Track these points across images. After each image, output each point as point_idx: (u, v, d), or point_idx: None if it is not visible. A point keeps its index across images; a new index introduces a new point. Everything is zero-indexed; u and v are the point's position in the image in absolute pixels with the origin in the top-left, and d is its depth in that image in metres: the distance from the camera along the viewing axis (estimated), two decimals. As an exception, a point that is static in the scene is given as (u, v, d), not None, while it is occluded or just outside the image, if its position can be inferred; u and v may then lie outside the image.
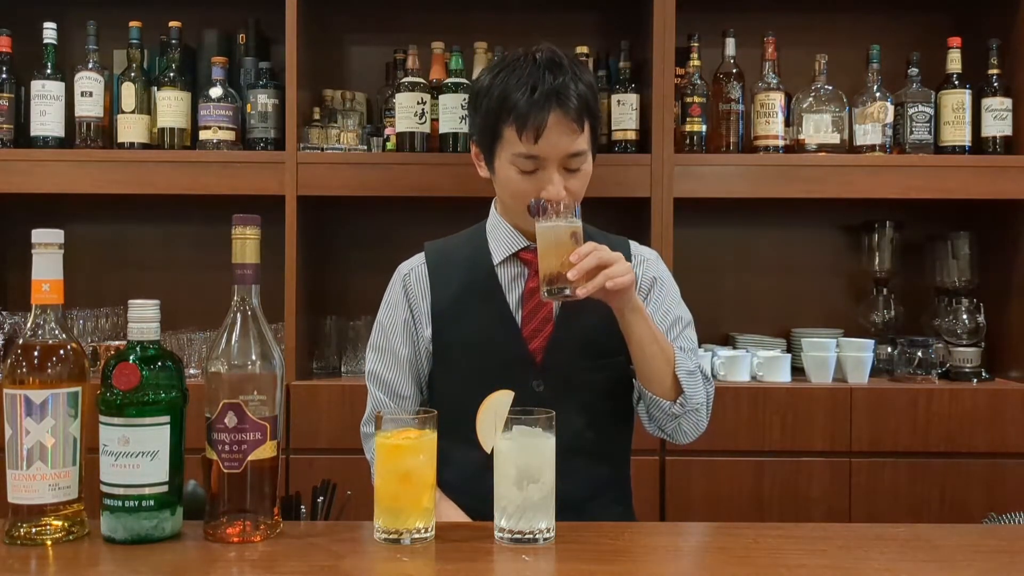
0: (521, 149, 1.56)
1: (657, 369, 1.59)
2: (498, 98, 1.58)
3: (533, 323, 1.65)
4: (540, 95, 1.54)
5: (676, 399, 1.60)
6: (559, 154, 1.57)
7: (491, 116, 1.59)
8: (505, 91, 1.57)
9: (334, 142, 2.70)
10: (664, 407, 1.61)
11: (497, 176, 1.64)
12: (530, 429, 1.30)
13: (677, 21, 2.64)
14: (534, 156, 1.56)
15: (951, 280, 2.84)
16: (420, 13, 3.01)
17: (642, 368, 1.60)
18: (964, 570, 1.24)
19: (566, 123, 1.56)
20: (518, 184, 1.59)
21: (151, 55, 2.83)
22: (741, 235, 3.03)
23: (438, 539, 1.30)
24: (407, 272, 1.74)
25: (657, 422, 1.65)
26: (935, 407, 2.57)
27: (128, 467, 1.26)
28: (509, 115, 1.56)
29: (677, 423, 1.63)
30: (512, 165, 1.59)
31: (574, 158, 1.58)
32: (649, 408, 1.63)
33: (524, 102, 1.54)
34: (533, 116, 1.54)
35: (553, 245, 1.48)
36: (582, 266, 1.45)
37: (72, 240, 1.36)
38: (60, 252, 1.31)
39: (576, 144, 1.58)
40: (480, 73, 1.96)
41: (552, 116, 1.54)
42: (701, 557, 1.28)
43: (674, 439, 1.68)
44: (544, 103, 1.54)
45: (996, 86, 2.75)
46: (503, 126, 1.58)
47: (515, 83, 1.57)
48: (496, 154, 1.62)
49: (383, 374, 1.72)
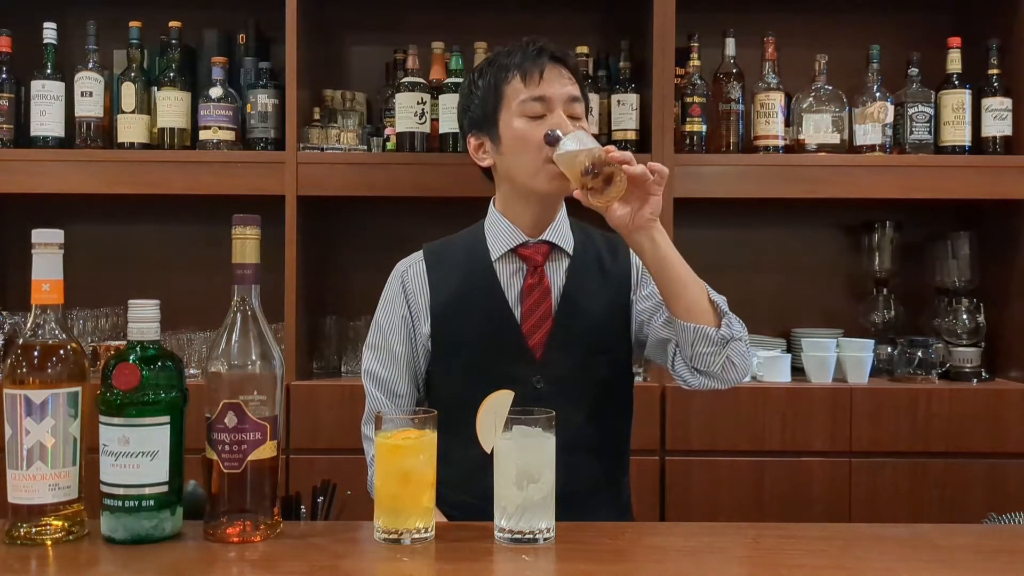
0: (527, 94, 1.62)
1: (695, 294, 1.54)
2: (495, 68, 1.67)
3: (532, 319, 1.65)
4: (535, 49, 1.65)
5: (720, 324, 1.56)
6: (563, 95, 1.63)
7: (491, 85, 1.66)
8: (499, 61, 1.67)
9: (334, 142, 2.70)
10: (711, 335, 1.54)
11: (504, 141, 1.65)
12: (530, 429, 1.30)
13: (677, 21, 2.64)
14: (541, 97, 1.62)
15: (951, 280, 2.84)
16: (420, 13, 3.01)
17: (679, 296, 1.54)
18: (964, 570, 1.24)
19: (563, 72, 1.65)
20: (530, 131, 1.61)
21: (151, 55, 2.83)
22: (741, 235, 3.03)
23: (438, 539, 1.30)
24: (405, 269, 1.75)
25: (704, 362, 1.57)
26: (935, 407, 2.57)
27: (128, 467, 1.26)
28: (510, 71, 1.64)
29: (726, 356, 1.56)
30: (520, 116, 1.62)
31: (575, 103, 1.65)
32: (694, 345, 1.55)
33: (521, 56, 1.65)
34: (532, 64, 1.63)
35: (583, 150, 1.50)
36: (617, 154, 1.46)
37: (72, 240, 1.36)
38: (60, 252, 1.31)
39: (575, 89, 1.66)
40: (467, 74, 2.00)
41: (549, 65, 1.64)
42: (701, 557, 1.28)
43: (724, 380, 1.60)
44: (540, 54, 1.65)
45: (996, 86, 2.75)
46: (504, 86, 1.64)
47: (507, 53, 1.67)
48: (500, 118, 1.65)
49: (380, 372, 1.73)
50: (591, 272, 1.70)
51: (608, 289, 1.70)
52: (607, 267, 1.72)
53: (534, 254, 1.68)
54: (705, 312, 1.55)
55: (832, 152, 2.72)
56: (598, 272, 1.71)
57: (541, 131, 1.60)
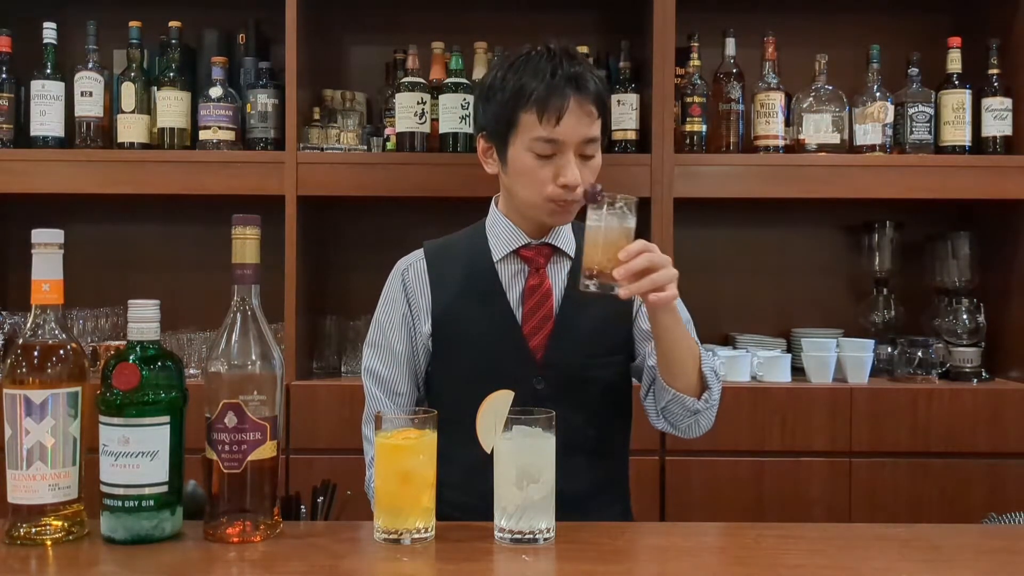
0: (540, 133, 1.56)
1: (686, 367, 1.56)
2: (515, 86, 1.58)
3: (533, 320, 1.65)
4: (560, 79, 1.56)
5: (700, 396, 1.58)
6: (577, 137, 1.57)
7: (507, 104, 1.59)
8: (522, 79, 1.58)
9: (334, 142, 2.70)
10: (688, 404, 1.57)
11: (510, 166, 1.63)
12: (530, 429, 1.30)
13: (677, 21, 2.64)
14: (553, 140, 1.56)
15: (951, 280, 2.84)
16: (420, 13, 3.01)
17: (671, 365, 1.56)
18: (964, 570, 1.24)
19: (585, 108, 1.57)
20: (535, 170, 1.59)
21: (151, 55, 2.83)
22: (741, 235, 3.03)
23: (438, 539, 1.30)
24: (406, 267, 1.74)
25: (672, 418, 1.61)
26: (935, 407, 2.57)
27: (128, 467, 1.26)
28: (528, 100, 1.56)
29: (695, 419, 1.60)
30: (529, 151, 1.58)
31: (590, 144, 1.60)
32: (669, 404, 1.59)
33: (544, 86, 1.56)
34: (554, 99, 1.55)
35: (603, 238, 1.43)
36: (630, 267, 1.40)
37: (72, 240, 1.36)
38: (60, 252, 1.31)
39: (593, 130, 1.59)
40: (490, 68, 1.95)
41: (572, 100, 1.56)
42: (701, 557, 1.28)
43: (684, 435, 1.65)
44: (564, 87, 1.56)
45: (996, 86, 2.75)
46: (520, 112, 1.58)
47: (532, 71, 1.58)
48: (510, 143, 1.61)
49: (380, 370, 1.72)
50: (592, 274, 1.70)
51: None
52: (609, 269, 1.72)
53: (536, 256, 1.68)
54: (690, 386, 1.57)
55: (832, 152, 2.72)
56: (599, 274, 1.71)
57: (547, 172, 1.58)
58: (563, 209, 1.61)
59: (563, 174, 1.57)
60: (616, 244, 1.42)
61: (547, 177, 1.58)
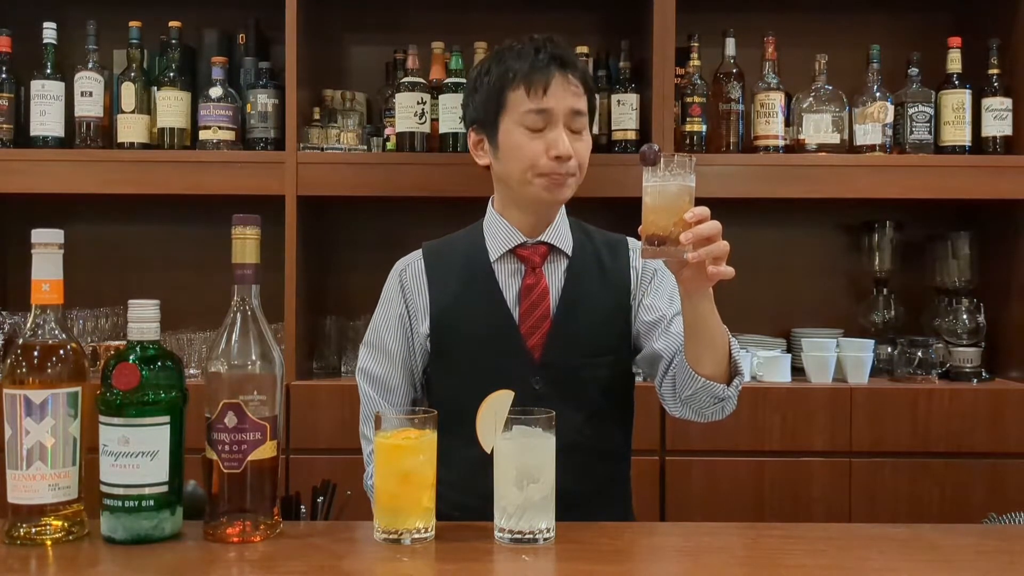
0: (529, 105, 1.59)
1: (718, 354, 1.54)
2: (501, 70, 1.63)
3: (530, 320, 1.65)
4: (544, 57, 1.61)
5: (730, 382, 1.56)
6: (565, 107, 1.60)
7: (495, 87, 1.63)
8: (506, 63, 1.63)
9: (334, 142, 2.70)
10: (717, 391, 1.54)
11: (501, 148, 1.64)
12: (530, 429, 1.30)
13: (677, 21, 2.64)
14: (543, 110, 1.59)
15: (951, 280, 2.84)
16: (420, 13, 3.01)
17: (703, 353, 1.53)
18: (964, 570, 1.24)
19: (570, 83, 1.61)
20: (526, 145, 1.60)
21: (151, 55, 2.83)
22: (741, 235, 2.99)
23: (438, 539, 1.30)
24: (403, 268, 1.75)
25: (697, 405, 1.58)
26: (935, 407, 2.57)
27: (128, 467, 1.26)
28: (515, 78, 1.61)
29: (721, 406, 1.58)
30: (519, 126, 1.60)
31: (578, 117, 1.62)
32: (697, 392, 1.55)
33: (527, 64, 1.61)
34: (538, 74, 1.59)
35: (667, 200, 1.35)
36: (699, 231, 1.35)
37: (72, 240, 1.36)
38: (60, 252, 1.31)
39: (580, 103, 1.62)
40: (475, 65, 1.98)
41: (556, 75, 1.60)
42: (701, 557, 1.28)
43: (706, 419, 1.62)
44: (548, 63, 1.61)
45: (996, 86, 2.75)
46: (508, 92, 1.61)
47: (515, 55, 1.63)
48: (500, 125, 1.63)
49: (374, 370, 1.73)
50: (590, 273, 1.70)
51: (607, 290, 1.70)
52: (607, 268, 1.71)
53: (532, 255, 1.68)
54: (719, 373, 1.55)
55: (832, 152, 2.72)
56: (597, 273, 1.70)
57: (539, 145, 1.59)
58: (557, 183, 1.61)
59: (554, 146, 1.59)
60: (678, 206, 1.35)
61: (539, 150, 1.59)
